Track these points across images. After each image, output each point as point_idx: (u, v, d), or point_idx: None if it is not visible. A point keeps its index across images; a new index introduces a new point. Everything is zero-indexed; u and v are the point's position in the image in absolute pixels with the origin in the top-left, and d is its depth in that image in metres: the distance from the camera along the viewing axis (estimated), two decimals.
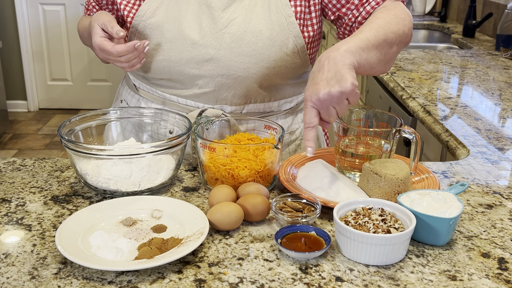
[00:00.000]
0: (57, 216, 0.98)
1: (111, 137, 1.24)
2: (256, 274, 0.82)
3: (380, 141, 1.12)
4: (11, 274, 0.82)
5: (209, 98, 1.24)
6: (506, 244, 0.92)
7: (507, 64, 2.26)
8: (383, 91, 2.16)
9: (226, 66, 1.19)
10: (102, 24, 1.16)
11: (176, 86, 1.26)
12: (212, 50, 1.19)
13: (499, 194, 1.10)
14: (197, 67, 1.20)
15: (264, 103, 1.28)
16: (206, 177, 1.08)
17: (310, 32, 1.22)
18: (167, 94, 1.28)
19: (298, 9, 1.20)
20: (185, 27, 1.19)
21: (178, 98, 1.27)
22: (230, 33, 1.18)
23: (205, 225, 0.90)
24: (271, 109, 1.31)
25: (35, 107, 4.84)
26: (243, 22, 1.18)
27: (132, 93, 1.36)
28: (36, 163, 1.20)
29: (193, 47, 1.19)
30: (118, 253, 0.85)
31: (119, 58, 1.16)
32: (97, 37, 1.16)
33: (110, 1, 1.30)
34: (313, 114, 0.97)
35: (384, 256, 0.84)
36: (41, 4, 4.56)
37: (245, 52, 1.18)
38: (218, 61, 1.19)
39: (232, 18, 1.19)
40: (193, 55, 1.19)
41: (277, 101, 1.30)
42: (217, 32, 1.18)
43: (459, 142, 1.37)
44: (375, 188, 1.01)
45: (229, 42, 1.18)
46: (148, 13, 1.21)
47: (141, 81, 1.33)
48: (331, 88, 0.94)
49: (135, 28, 1.22)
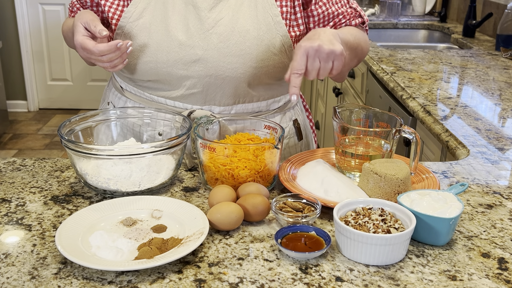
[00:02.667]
0: (57, 216, 0.98)
1: (111, 137, 1.24)
2: (256, 274, 0.82)
3: (380, 141, 1.12)
4: (11, 274, 0.82)
5: (197, 99, 1.24)
6: (506, 244, 0.92)
7: (507, 64, 2.26)
8: (383, 91, 2.16)
9: (214, 66, 1.19)
10: (85, 23, 1.14)
11: (163, 88, 1.25)
12: (200, 50, 1.18)
13: (499, 194, 1.10)
14: (184, 68, 1.20)
15: (252, 103, 1.28)
16: (206, 177, 1.08)
17: (297, 32, 1.24)
18: (154, 96, 1.27)
19: (284, 9, 1.21)
20: (172, 28, 1.18)
21: (166, 100, 1.26)
22: (217, 33, 1.18)
23: (205, 225, 0.90)
24: (259, 109, 1.30)
25: (35, 107, 4.84)
26: (230, 22, 1.18)
27: (118, 95, 1.35)
28: (36, 163, 1.20)
29: (180, 48, 1.18)
30: (118, 253, 0.85)
31: (100, 57, 1.13)
32: (79, 36, 1.14)
33: (94, 2, 1.28)
34: (303, 61, 1.04)
35: (384, 256, 0.84)
36: (41, 4, 4.57)
37: (232, 52, 1.18)
38: (206, 62, 1.19)
39: (219, 18, 1.18)
40: (180, 56, 1.19)
41: (265, 101, 1.30)
42: (204, 33, 1.18)
43: (459, 142, 1.37)
44: (375, 188, 1.01)
45: (216, 42, 1.18)
46: (135, 14, 1.20)
47: (127, 83, 1.32)
48: (324, 44, 1.04)
49: (121, 29, 1.21)
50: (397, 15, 3.51)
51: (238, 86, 1.22)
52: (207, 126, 1.15)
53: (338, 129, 1.12)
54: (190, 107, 1.25)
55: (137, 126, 1.26)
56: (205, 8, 1.19)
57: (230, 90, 1.23)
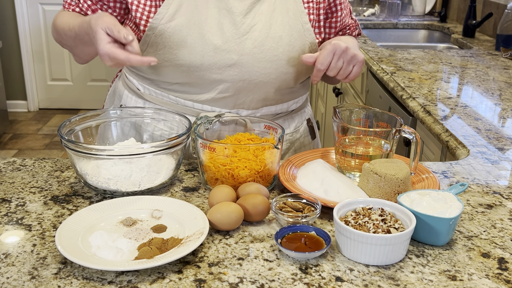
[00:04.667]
0: (57, 216, 0.98)
1: (111, 137, 1.24)
2: (256, 274, 0.82)
3: (380, 141, 1.12)
4: (11, 274, 0.82)
5: (227, 103, 1.24)
6: (506, 244, 0.92)
7: (507, 64, 2.26)
8: (383, 91, 2.16)
9: (248, 71, 1.20)
10: (107, 29, 1.05)
11: (192, 91, 1.24)
12: (235, 55, 1.19)
13: (499, 194, 1.10)
14: (219, 72, 1.19)
15: (276, 105, 1.31)
16: (206, 177, 1.08)
17: (319, 39, 1.29)
18: (180, 99, 1.26)
19: (311, 17, 1.26)
20: (206, 32, 1.17)
21: (194, 103, 1.25)
22: (252, 39, 1.19)
23: (205, 225, 0.90)
24: (281, 111, 1.33)
25: (35, 107, 4.84)
26: (263, 28, 1.20)
27: (134, 98, 1.33)
28: (36, 163, 1.20)
29: (215, 52, 1.18)
30: (118, 253, 0.85)
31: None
32: (103, 44, 1.05)
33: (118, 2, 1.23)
34: (330, 57, 1.14)
35: (384, 256, 0.84)
36: (41, 4, 4.57)
37: (266, 57, 1.20)
38: (241, 67, 1.19)
39: (253, 24, 1.20)
40: (215, 60, 1.18)
41: (287, 103, 1.33)
42: (239, 38, 1.19)
43: (459, 142, 1.37)
44: (375, 188, 1.01)
45: (251, 47, 1.19)
46: (167, 16, 1.17)
47: (147, 85, 1.29)
48: (351, 48, 1.16)
49: (152, 31, 1.18)
50: (397, 15, 3.51)
51: (268, 90, 1.25)
52: (207, 126, 1.15)
53: (338, 129, 1.12)
54: (219, 111, 1.25)
55: (137, 126, 1.26)
56: (240, 14, 1.19)
57: (260, 95, 1.25)
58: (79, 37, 1.17)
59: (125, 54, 1.05)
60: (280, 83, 1.25)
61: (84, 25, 1.13)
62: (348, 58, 1.15)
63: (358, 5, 3.93)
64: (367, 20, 3.43)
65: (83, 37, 1.16)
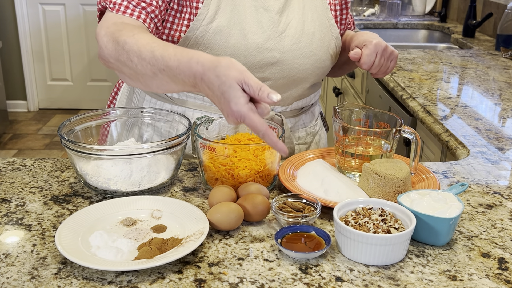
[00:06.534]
0: (57, 216, 0.98)
1: (111, 137, 1.24)
2: (256, 274, 0.82)
3: (380, 141, 1.12)
4: (11, 274, 0.82)
5: None
6: (506, 244, 0.92)
7: (507, 64, 2.26)
8: (383, 91, 2.16)
9: (288, 68, 1.22)
10: (242, 82, 0.85)
11: None
12: (277, 53, 1.20)
13: (499, 194, 1.10)
14: (261, 71, 1.20)
15: (303, 99, 1.34)
16: (206, 177, 1.08)
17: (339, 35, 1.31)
18: None
19: (332, 13, 1.29)
20: (247, 31, 1.17)
21: None
22: (290, 36, 1.21)
23: (205, 225, 0.90)
24: (306, 104, 1.37)
25: (35, 107, 4.84)
26: (298, 25, 1.22)
27: (159, 102, 1.28)
28: (36, 163, 1.20)
29: (258, 51, 1.18)
30: (118, 253, 0.85)
31: None
32: (242, 105, 0.85)
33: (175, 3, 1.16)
34: (373, 57, 1.18)
35: (384, 256, 0.84)
36: (41, 4, 4.56)
37: (303, 54, 1.22)
38: (282, 64, 1.21)
39: (288, 21, 1.21)
40: (258, 59, 1.18)
41: (308, 97, 1.36)
42: (279, 35, 1.20)
43: (459, 142, 1.37)
44: (375, 188, 1.01)
45: (290, 44, 1.20)
46: (208, 17, 1.15)
47: None
48: (388, 46, 1.20)
49: (192, 32, 1.15)
50: (397, 15, 3.51)
51: (304, 86, 1.28)
52: (207, 126, 1.15)
53: (338, 129, 1.12)
54: None
55: (137, 126, 1.26)
56: (276, 11, 1.20)
57: (297, 91, 1.28)
58: (170, 71, 0.93)
59: (265, 126, 0.86)
60: (314, 78, 1.28)
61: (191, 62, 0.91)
62: (387, 55, 1.20)
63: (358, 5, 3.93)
64: (367, 20, 3.43)
65: (176, 73, 0.93)
